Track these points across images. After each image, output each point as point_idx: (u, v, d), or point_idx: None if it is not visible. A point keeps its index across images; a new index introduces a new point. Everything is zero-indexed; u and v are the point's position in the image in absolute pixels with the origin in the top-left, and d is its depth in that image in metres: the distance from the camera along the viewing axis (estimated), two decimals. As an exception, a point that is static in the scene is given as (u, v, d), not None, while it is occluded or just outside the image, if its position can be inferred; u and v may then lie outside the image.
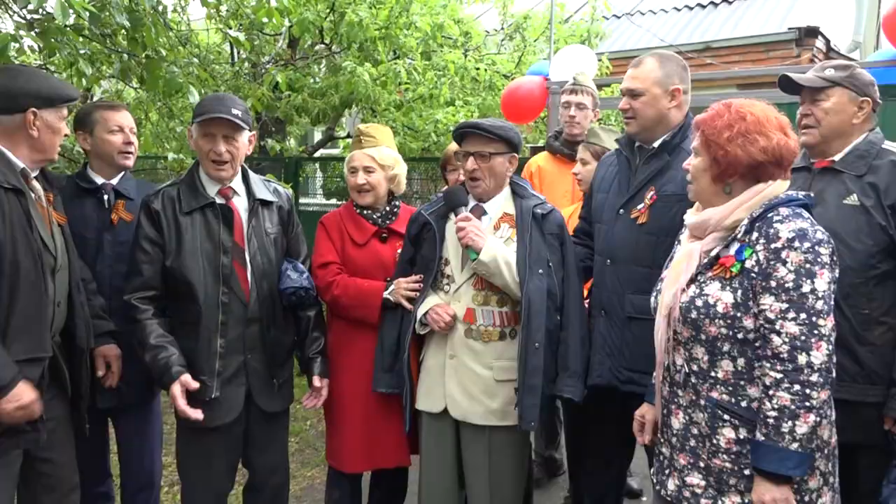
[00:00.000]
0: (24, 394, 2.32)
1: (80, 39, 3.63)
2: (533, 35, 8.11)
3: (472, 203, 2.98)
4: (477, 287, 2.85)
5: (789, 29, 9.66)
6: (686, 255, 2.24)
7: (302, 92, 5.82)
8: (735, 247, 2.10)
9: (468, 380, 2.83)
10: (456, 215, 2.86)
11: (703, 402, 2.16)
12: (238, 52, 6.97)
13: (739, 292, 2.06)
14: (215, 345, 2.80)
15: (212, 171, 2.87)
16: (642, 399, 2.56)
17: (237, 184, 2.96)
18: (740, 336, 2.07)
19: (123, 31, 3.88)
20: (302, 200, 8.06)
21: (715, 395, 2.13)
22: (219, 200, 2.88)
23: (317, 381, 3.07)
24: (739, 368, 2.09)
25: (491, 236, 2.83)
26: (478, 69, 7.14)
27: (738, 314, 2.05)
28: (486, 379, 2.82)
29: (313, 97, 5.84)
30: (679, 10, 11.41)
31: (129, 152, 3.24)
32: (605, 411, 2.96)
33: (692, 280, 2.17)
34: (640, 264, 2.78)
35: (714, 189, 2.20)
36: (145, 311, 2.79)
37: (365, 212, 3.24)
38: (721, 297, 2.08)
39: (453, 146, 3.53)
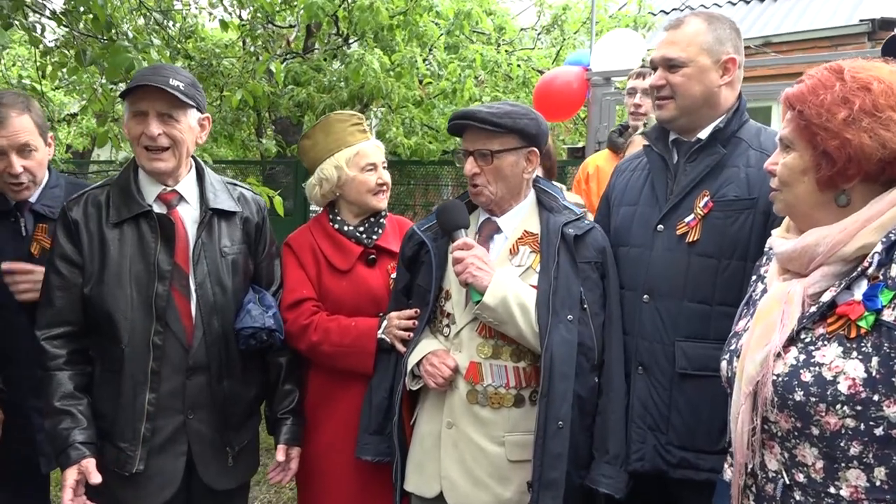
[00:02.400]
0: None
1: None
2: (573, 28, 7.38)
3: (482, 216, 2.28)
4: (483, 334, 2.16)
5: (861, 21, 8.79)
6: (779, 299, 1.54)
7: (307, 86, 5.19)
8: (862, 287, 1.44)
9: (471, 458, 2.14)
10: (452, 241, 2.16)
11: (815, 530, 1.47)
12: (246, 46, 6.40)
13: (875, 361, 1.38)
14: (142, 401, 2.15)
15: (145, 161, 2.20)
16: (699, 487, 1.98)
17: (187, 186, 2.30)
18: (879, 432, 1.39)
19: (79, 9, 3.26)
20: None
21: (836, 521, 1.46)
22: (157, 208, 2.24)
23: (280, 454, 2.40)
24: (878, 483, 1.41)
25: (501, 269, 2.13)
26: (510, 65, 6.44)
27: (875, 397, 1.38)
28: (495, 458, 2.13)
29: (321, 92, 5.20)
30: (735, 3, 10.63)
31: (14, 183, 2.44)
32: (642, 500, 2.23)
33: (792, 340, 1.50)
34: (694, 299, 2.10)
35: (821, 199, 1.52)
36: (55, 357, 2.16)
37: (346, 228, 2.56)
38: (844, 368, 1.41)
39: None
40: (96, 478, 2.05)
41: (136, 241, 2.19)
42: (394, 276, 2.50)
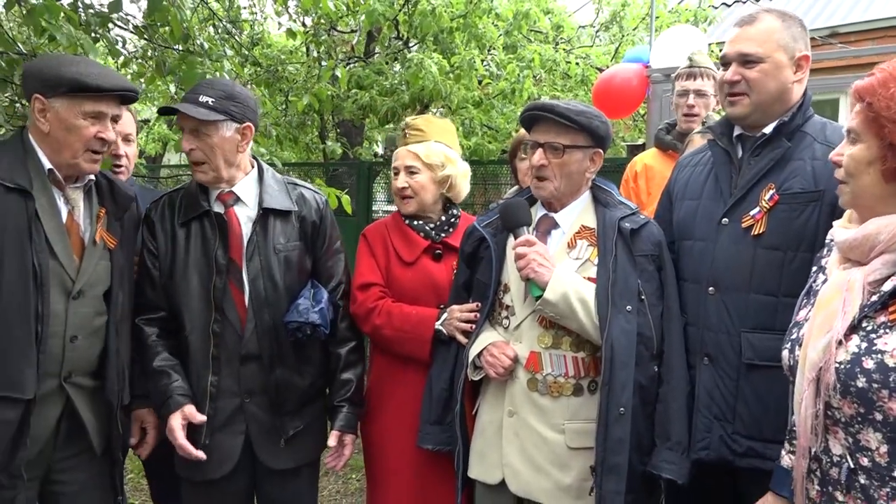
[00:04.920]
0: None
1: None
2: (631, 24, 7.33)
3: (539, 212, 2.34)
4: (544, 324, 2.21)
5: (936, 8, 8.40)
6: (840, 288, 1.55)
7: (370, 90, 5.33)
8: None
9: (532, 445, 2.19)
10: (515, 238, 2.22)
11: (879, 514, 1.47)
12: (311, 52, 6.59)
13: None
14: (204, 383, 2.36)
15: (192, 172, 2.43)
16: (766, 477, 1.90)
17: (244, 188, 2.45)
18: None
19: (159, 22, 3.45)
20: (387, 208, 7.60)
21: (900, 506, 1.44)
22: (217, 208, 2.42)
23: (332, 440, 2.51)
24: None
25: (560, 265, 2.18)
26: (569, 63, 6.44)
27: None
28: (555, 445, 2.18)
29: (383, 95, 5.33)
30: (800, -7, 10.26)
31: (116, 164, 2.76)
32: (710, 491, 2.23)
33: (854, 327, 1.51)
34: (761, 290, 2.10)
35: (886, 191, 1.53)
36: (150, 333, 2.41)
37: (415, 223, 2.66)
38: None
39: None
40: (201, 417, 2.28)
41: (200, 237, 2.39)
42: (455, 273, 2.58)
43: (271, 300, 2.40)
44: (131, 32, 3.75)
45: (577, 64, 6.59)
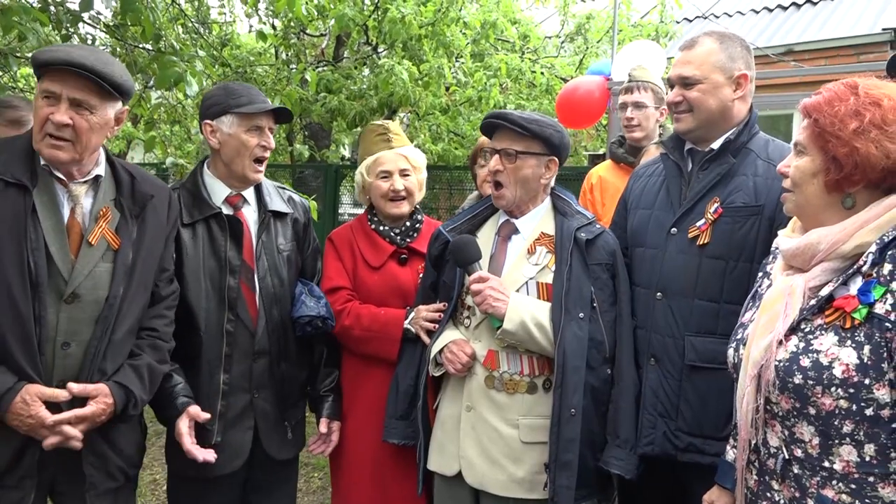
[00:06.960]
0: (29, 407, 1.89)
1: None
2: (596, 36, 7.50)
3: (501, 218, 2.44)
4: None
5: (883, 30, 8.74)
6: (783, 292, 1.67)
7: (339, 94, 5.39)
8: (857, 283, 1.57)
9: (488, 439, 2.29)
10: (469, 275, 2.32)
11: (810, 502, 1.58)
12: (280, 54, 6.61)
13: (867, 349, 1.51)
14: (218, 381, 2.40)
15: (251, 172, 2.47)
16: (705, 471, 2.05)
17: (248, 190, 2.54)
18: (869, 412, 1.51)
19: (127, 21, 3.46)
20: (353, 211, 7.64)
21: (829, 493, 1.56)
22: (226, 210, 2.47)
23: (323, 426, 2.62)
24: (867, 458, 1.53)
25: (515, 294, 2.27)
26: (534, 72, 6.58)
27: (866, 381, 1.50)
28: (509, 439, 2.28)
29: (351, 99, 5.40)
30: (758, 11, 10.60)
31: None
32: (655, 485, 2.35)
33: (793, 329, 1.62)
34: (704, 297, 2.23)
35: (828, 201, 1.65)
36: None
37: (381, 228, 2.73)
38: (839, 354, 1.53)
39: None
40: (205, 415, 2.26)
41: (208, 239, 2.42)
42: (422, 275, 2.66)
43: (279, 296, 2.50)
44: (101, 31, 3.76)
45: (542, 73, 6.72)
